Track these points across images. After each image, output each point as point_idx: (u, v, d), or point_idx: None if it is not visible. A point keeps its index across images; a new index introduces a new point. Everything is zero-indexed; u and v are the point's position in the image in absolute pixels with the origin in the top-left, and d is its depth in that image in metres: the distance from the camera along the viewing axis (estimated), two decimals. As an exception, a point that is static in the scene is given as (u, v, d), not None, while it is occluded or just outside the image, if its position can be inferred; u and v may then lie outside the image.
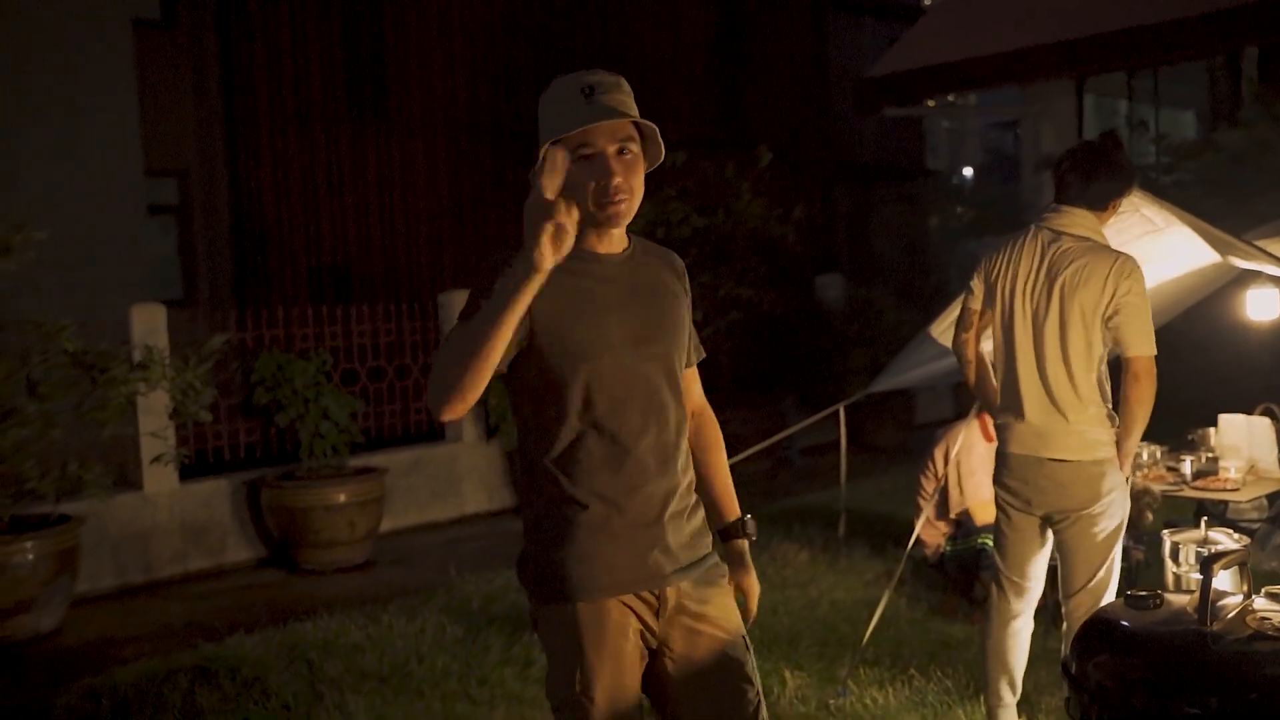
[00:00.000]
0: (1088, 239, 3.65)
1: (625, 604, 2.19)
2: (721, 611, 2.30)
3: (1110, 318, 3.56)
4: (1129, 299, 3.54)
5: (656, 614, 2.22)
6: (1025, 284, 3.71)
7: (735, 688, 2.28)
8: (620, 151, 2.13)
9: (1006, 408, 3.83)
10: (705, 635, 2.26)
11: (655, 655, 2.26)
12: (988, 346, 4.16)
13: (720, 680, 2.27)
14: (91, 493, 6.07)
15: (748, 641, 2.35)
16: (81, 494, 6.21)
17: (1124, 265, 3.57)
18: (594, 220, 2.15)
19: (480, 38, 13.48)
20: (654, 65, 15.07)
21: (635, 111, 2.15)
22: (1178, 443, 5.85)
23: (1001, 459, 3.89)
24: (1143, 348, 3.55)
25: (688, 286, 2.37)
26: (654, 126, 2.16)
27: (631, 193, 2.14)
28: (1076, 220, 3.68)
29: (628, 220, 2.18)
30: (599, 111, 2.08)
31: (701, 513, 2.34)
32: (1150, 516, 5.31)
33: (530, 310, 2.01)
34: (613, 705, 2.16)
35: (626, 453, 2.17)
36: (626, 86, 2.17)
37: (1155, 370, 3.56)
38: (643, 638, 2.23)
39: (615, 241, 2.24)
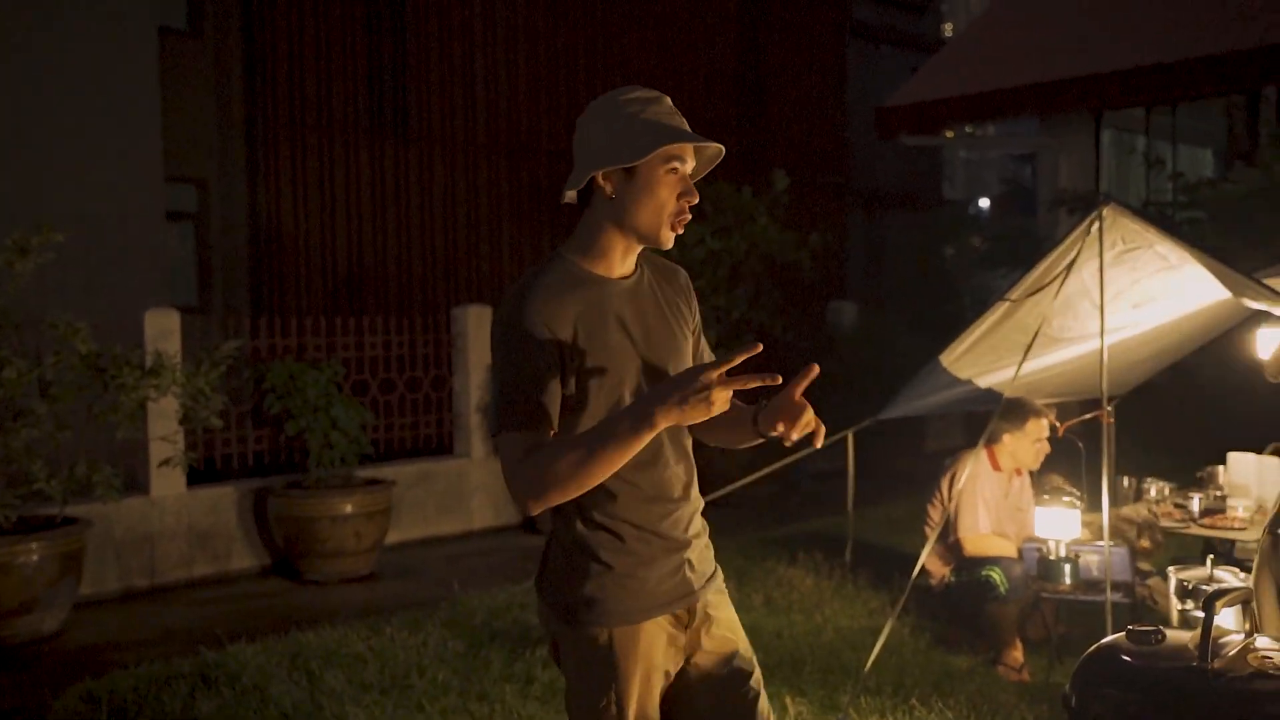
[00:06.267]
0: None
1: (658, 623, 2.24)
2: (729, 615, 2.37)
3: None
4: None
5: (686, 627, 2.29)
6: None
7: (742, 690, 2.33)
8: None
9: None
10: (717, 639, 2.32)
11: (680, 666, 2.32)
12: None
13: (729, 683, 2.32)
14: (100, 494, 6.09)
15: (750, 652, 2.39)
16: (89, 496, 6.24)
17: None
18: (657, 240, 2.19)
19: (502, 56, 13.55)
20: (674, 87, 15.08)
21: None
22: (1186, 480, 5.84)
23: None
24: None
25: (691, 301, 2.38)
26: (722, 150, 2.24)
27: None
28: None
29: None
30: (698, 134, 2.17)
31: (707, 528, 2.39)
32: (1147, 545, 5.29)
33: (567, 352, 2.12)
34: None
35: (658, 479, 2.22)
36: None
37: None
38: (671, 653, 2.28)
39: (629, 262, 2.26)
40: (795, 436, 2.12)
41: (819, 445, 2.15)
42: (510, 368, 2.11)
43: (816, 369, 2.04)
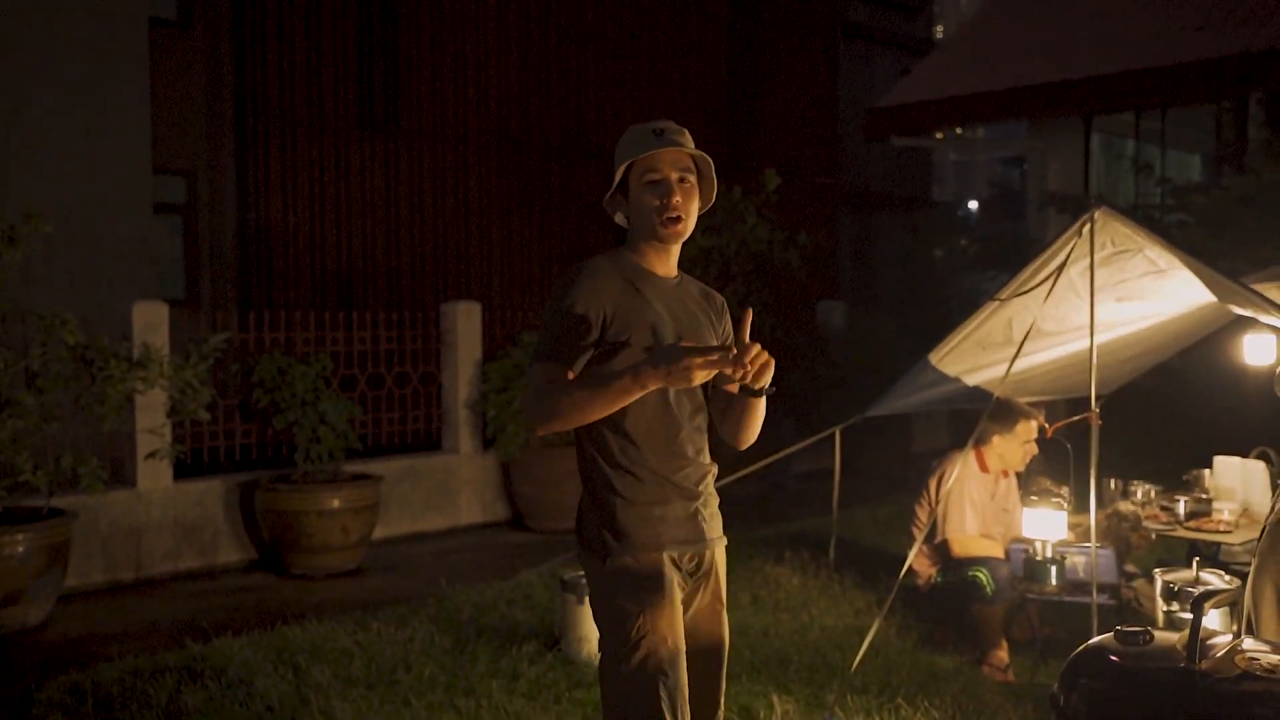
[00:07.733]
0: None
1: (673, 558, 2.59)
2: (721, 584, 2.73)
3: None
4: None
5: (692, 574, 2.65)
6: None
7: (714, 657, 2.72)
8: (680, 180, 2.61)
9: None
10: (710, 600, 2.70)
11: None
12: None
13: (705, 648, 2.69)
14: (86, 486, 6.07)
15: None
16: (75, 488, 6.21)
17: None
18: (656, 237, 2.63)
19: (494, 53, 13.53)
20: (665, 86, 15.13)
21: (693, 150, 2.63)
22: (1173, 483, 5.86)
23: None
24: None
25: (721, 318, 2.80)
26: (709, 160, 2.65)
27: (688, 215, 2.62)
28: None
29: (683, 238, 2.65)
30: (665, 141, 2.60)
31: (716, 498, 2.75)
32: (1136, 541, 5.31)
33: (605, 320, 2.55)
34: (673, 644, 2.52)
35: (673, 438, 2.62)
36: (688, 134, 2.66)
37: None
38: (683, 591, 2.62)
39: (670, 266, 2.71)
40: (744, 375, 2.47)
41: (764, 382, 2.54)
42: (554, 316, 2.57)
43: (749, 310, 2.51)
